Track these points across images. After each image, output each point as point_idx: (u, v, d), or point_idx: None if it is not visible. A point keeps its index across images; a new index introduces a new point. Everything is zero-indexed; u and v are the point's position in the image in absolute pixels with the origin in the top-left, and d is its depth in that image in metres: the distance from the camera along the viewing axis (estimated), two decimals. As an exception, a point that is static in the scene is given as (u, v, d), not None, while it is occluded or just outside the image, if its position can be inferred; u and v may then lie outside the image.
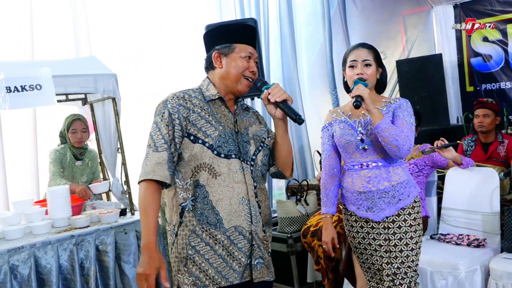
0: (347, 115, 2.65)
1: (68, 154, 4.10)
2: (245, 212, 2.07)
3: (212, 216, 2.03)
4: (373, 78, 2.59)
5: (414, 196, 2.57)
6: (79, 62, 4.02)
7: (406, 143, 2.41)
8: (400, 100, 2.61)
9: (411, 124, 2.52)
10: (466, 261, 3.16)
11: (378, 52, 2.66)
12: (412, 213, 2.55)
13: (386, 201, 2.52)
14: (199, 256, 2.04)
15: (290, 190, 5.01)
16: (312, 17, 5.88)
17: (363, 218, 2.59)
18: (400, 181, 2.54)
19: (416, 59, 6.18)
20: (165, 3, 4.86)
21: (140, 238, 3.57)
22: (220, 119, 2.09)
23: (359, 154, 2.56)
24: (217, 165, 2.03)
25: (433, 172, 3.83)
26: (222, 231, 2.04)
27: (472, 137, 4.47)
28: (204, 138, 2.03)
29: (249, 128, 2.17)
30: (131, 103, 4.28)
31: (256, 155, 2.15)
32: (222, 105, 2.13)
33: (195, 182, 2.04)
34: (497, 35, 6.30)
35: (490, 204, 3.52)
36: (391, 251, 2.52)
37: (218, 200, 2.03)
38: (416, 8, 6.87)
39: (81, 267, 3.30)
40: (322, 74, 5.85)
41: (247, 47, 2.12)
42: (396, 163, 2.56)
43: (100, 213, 3.61)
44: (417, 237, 2.55)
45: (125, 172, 3.80)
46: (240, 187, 2.06)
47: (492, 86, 6.49)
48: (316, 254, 3.79)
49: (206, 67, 2.18)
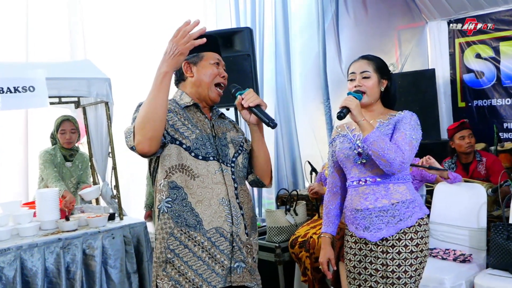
0: (351, 129, 2.52)
1: (59, 155, 4.09)
2: (225, 213, 2.05)
3: (191, 218, 2.01)
4: (373, 90, 2.44)
5: (418, 217, 2.35)
6: (73, 65, 4.03)
7: (398, 158, 2.22)
8: (404, 112, 2.43)
9: (411, 138, 2.31)
10: (452, 276, 3.18)
11: (383, 63, 2.51)
12: (415, 238, 2.34)
13: (385, 220, 2.34)
14: (178, 260, 2.02)
15: (280, 200, 5.03)
16: (307, 28, 5.93)
17: (362, 239, 2.41)
18: (402, 200, 2.35)
19: (409, 74, 6.23)
20: (162, 10, 4.87)
21: (128, 243, 3.57)
22: (197, 123, 2.10)
23: (357, 169, 2.42)
24: (195, 167, 2.03)
25: (422, 186, 3.86)
26: (202, 232, 2.01)
27: (451, 159, 4.51)
28: (182, 139, 2.03)
29: (226, 133, 2.19)
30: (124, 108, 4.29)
31: (237, 157, 2.16)
32: (198, 111, 2.15)
33: (170, 183, 2.03)
34: (490, 52, 6.37)
35: (477, 220, 3.54)
36: (388, 277, 2.34)
37: (197, 202, 2.02)
38: (411, 23, 6.94)
39: (67, 270, 3.29)
40: (315, 84, 5.89)
41: (214, 54, 2.17)
42: (399, 180, 2.37)
43: (89, 217, 3.60)
44: (418, 264, 2.34)
45: (115, 176, 3.80)
46: (219, 188, 2.05)
47: (483, 103, 6.55)
48: (303, 265, 3.80)
49: (177, 80, 2.21)
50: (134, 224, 3.67)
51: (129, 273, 3.58)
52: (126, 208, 4.11)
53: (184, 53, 1.91)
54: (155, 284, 2.07)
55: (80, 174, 4.22)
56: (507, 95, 6.30)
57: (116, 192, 3.82)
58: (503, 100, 6.36)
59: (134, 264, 3.60)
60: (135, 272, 3.61)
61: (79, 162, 4.22)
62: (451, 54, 6.81)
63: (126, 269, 3.56)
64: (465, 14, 6.54)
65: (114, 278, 3.47)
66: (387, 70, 2.53)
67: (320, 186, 3.95)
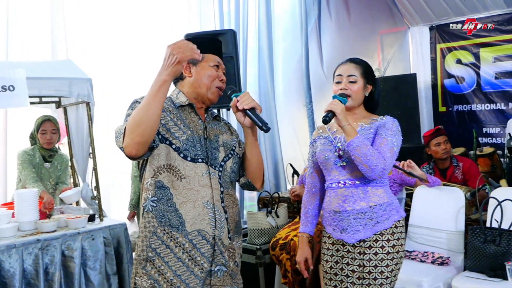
0: (332, 131, 2.55)
1: (37, 155, 4.05)
2: (209, 216, 2.04)
3: (174, 219, 2.01)
4: (358, 95, 2.47)
5: (395, 220, 2.40)
6: (54, 65, 3.99)
7: (379, 164, 2.28)
8: (386, 118, 2.47)
9: (392, 144, 2.36)
10: (430, 278, 3.22)
11: (369, 68, 2.54)
12: (391, 239, 2.38)
13: (362, 222, 2.37)
14: (159, 259, 2.01)
15: (261, 202, 5.04)
16: (290, 31, 5.96)
17: (339, 240, 2.44)
18: (380, 203, 2.38)
19: (391, 78, 6.30)
20: (145, 11, 4.86)
21: (108, 244, 3.55)
22: (189, 124, 2.09)
23: (337, 171, 2.44)
24: (182, 168, 2.02)
25: (402, 189, 3.90)
26: (184, 234, 2.01)
27: (428, 165, 4.57)
28: (172, 140, 2.02)
29: (219, 136, 2.17)
30: (105, 109, 4.27)
31: (226, 161, 2.15)
32: (192, 112, 2.13)
33: (157, 183, 2.02)
34: (470, 58, 6.47)
35: (456, 223, 3.59)
36: (364, 278, 2.37)
37: (182, 203, 2.02)
38: (394, 28, 7.02)
39: (46, 272, 3.26)
40: (298, 87, 5.92)
41: (214, 56, 2.15)
42: (377, 183, 2.41)
43: (68, 218, 3.57)
44: (394, 265, 2.38)
45: (96, 177, 3.78)
46: (205, 191, 2.04)
47: (463, 108, 6.65)
48: (284, 267, 3.81)
49: (176, 79, 2.18)
50: (114, 226, 3.65)
51: (108, 274, 3.56)
52: (106, 210, 4.09)
53: (182, 62, 1.91)
54: (134, 281, 2.06)
55: (59, 174, 4.18)
56: (486, 101, 6.41)
57: (96, 193, 3.79)
58: (483, 105, 6.46)
59: (114, 266, 3.58)
60: (115, 273, 3.58)
61: (58, 163, 4.18)
62: (432, 59, 6.91)
63: (105, 271, 3.54)
64: (447, 20, 6.65)
65: (93, 279, 3.44)
66: (373, 75, 2.56)
67: (302, 189, 3.96)
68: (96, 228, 3.55)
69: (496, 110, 6.36)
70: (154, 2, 4.90)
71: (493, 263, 3.14)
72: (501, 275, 3.07)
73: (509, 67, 6.17)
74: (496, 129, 6.36)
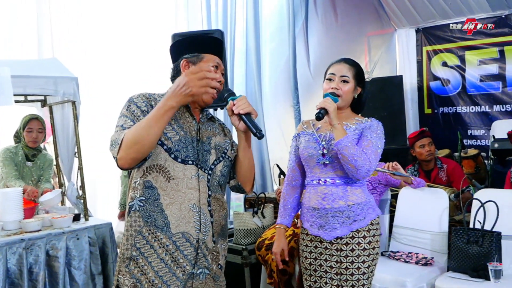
0: (316, 127, 2.60)
1: (20, 153, 4.03)
2: (194, 219, 2.04)
3: (160, 219, 2.01)
4: (348, 95, 2.52)
5: (371, 218, 2.49)
6: (40, 64, 3.97)
7: (365, 165, 2.35)
8: (372, 120, 2.54)
9: (377, 147, 2.44)
10: (413, 279, 3.24)
11: (361, 70, 2.59)
12: (367, 236, 2.47)
13: (340, 220, 2.44)
14: (142, 258, 2.02)
15: (248, 202, 5.04)
16: (278, 32, 5.98)
17: (317, 237, 2.51)
18: (357, 202, 2.46)
19: (377, 79, 6.33)
20: (132, 10, 4.84)
21: (93, 244, 3.54)
22: (183, 125, 2.07)
23: (319, 169, 2.50)
24: (172, 169, 2.02)
25: (387, 190, 3.93)
26: (168, 235, 2.01)
27: (413, 167, 4.62)
28: (164, 140, 2.01)
29: (212, 138, 2.15)
30: (91, 108, 4.25)
31: (216, 164, 2.13)
32: (187, 112, 2.11)
33: (145, 183, 2.02)
34: (456, 60, 6.54)
35: (439, 224, 3.62)
36: (342, 274, 2.45)
37: (168, 204, 2.01)
38: (380, 30, 7.06)
39: (30, 271, 3.24)
40: (285, 88, 5.94)
41: (214, 57, 2.12)
42: (356, 183, 2.48)
43: (53, 217, 3.55)
44: (370, 261, 2.47)
45: (81, 177, 3.76)
46: (192, 194, 2.04)
47: (449, 110, 6.71)
48: (269, 267, 3.82)
49: (173, 76, 2.15)
50: (99, 225, 3.63)
51: (93, 274, 3.54)
52: (92, 209, 4.07)
53: (195, 96, 1.92)
54: (117, 279, 2.07)
55: (41, 173, 4.16)
56: (471, 103, 6.47)
57: (81, 192, 3.78)
58: (468, 108, 6.52)
59: (98, 266, 3.57)
60: (100, 273, 3.57)
61: (41, 163, 4.16)
62: (418, 62, 6.96)
63: (90, 271, 3.52)
64: (433, 23, 6.72)
65: (78, 279, 3.43)
66: (364, 78, 2.62)
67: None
68: (81, 227, 3.53)
69: (480, 113, 6.43)
70: (141, 2, 4.88)
71: (475, 264, 3.17)
72: (484, 276, 3.11)
73: (493, 70, 6.24)
74: (481, 131, 6.43)
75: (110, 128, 2.07)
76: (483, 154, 5.58)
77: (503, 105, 6.21)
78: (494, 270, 3.04)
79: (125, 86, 4.59)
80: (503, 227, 3.24)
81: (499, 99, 6.24)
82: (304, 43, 6.04)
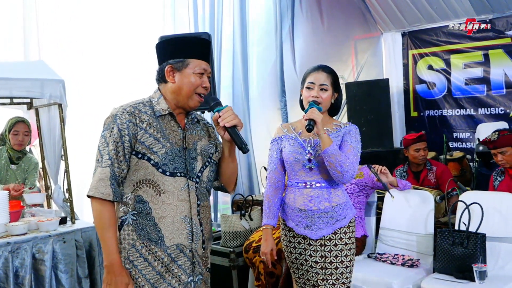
0: (298, 132, 2.71)
1: (4, 156, 3.99)
2: (186, 231, 2.07)
3: (153, 233, 2.03)
4: (327, 102, 2.66)
5: (350, 217, 2.67)
6: (26, 66, 3.94)
7: (350, 170, 2.51)
8: (350, 125, 2.69)
9: (357, 151, 2.62)
10: (399, 280, 3.27)
11: (337, 77, 2.73)
12: (348, 232, 2.65)
13: (325, 221, 2.60)
14: (136, 271, 2.03)
15: (235, 205, 5.04)
16: (265, 36, 5.99)
17: (301, 235, 2.65)
18: (339, 203, 2.63)
19: (364, 83, 6.36)
20: (119, 13, 4.82)
21: (80, 247, 3.52)
22: (169, 135, 2.07)
23: (304, 172, 2.62)
24: (161, 183, 2.03)
25: (373, 192, 3.96)
26: (163, 248, 2.04)
27: (403, 168, 4.66)
28: (150, 156, 2.01)
29: (197, 143, 2.16)
30: (77, 111, 4.22)
31: (202, 171, 2.15)
32: (172, 120, 2.11)
33: (136, 197, 2.03)
34: (441, 64, 6.60)
35: (425, 226, 3.66)
36: (326, 268, 2.60)
37: (161, 218, 2.03)
38: (367, 34, 7.11)
39: (16, 275, 3.22)
40: (272, 92, 5.95)
41: (201, 62, 2.08)
42: (338, 186, 2.65)
43: (39, 220, 3.53)
44: (351, 255, 2.65)
45: (68, 180, 3.74)
46: (183, 206, 2.06)
47: (435, 113, 6.77)
48: (257, 270, 3.83)
49: (158, 79, 2.14)
50: (86, 228, 3.62)
51: (80, 278, 3.52)
52: (78, 212, 4.05)
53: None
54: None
55: (26, 176, 4.12)
56: (457, 106, 6.54)
57: (68, 195, 3.75)
58: (453, 111, 6.59)
59: (85, 269, 3.55)
60: (87, 277, 3.55)
61: (25, 166, 4.12)
62: (404, 65, 7.02)
63: (77, 274, 3.50)
64: (419, 27, 6.77)
65: (65, 283, 3.41)
66: (339, 83, 2.75)
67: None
68: (68, 231, 3.51)
69: (466, 116, 6.49)
70: (128, 4, 4.86)
71: (461, 265, 3.21)
72: (469, 277, 3.15)
73: (478, 73, 6.31)
74: (466, 134, 6.50)
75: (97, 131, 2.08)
76: (468, 157, 5.64)
77: (487, 108, 6.28)
78: (479, 271, 3.08)
79: (112, 88, 4.57)
80: (487, 229, 3.29)
81: (484, 102, 6.30)
82: (291, 46, 6.06)
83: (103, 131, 2.03)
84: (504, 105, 6.12)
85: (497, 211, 3.43)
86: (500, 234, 3.38)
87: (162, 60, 2.12)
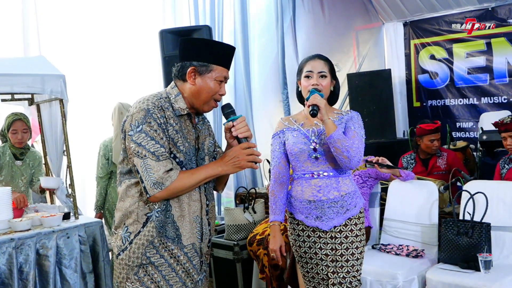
0: (299, 124, 2.67)
1: (8, 153, 3.99)
2: (197, 230, 2.11)
3: (171, 231, 2.04)
4: (327, 90, 2.64)
5: (360, 206, 2.62)
6: (27, 61, 3.93)
7: (357, 155, 2.47)
8: (351, 112, 2.66)
9: (361, 136, 2.57)
10: (404, 271, 3.26)
11: (333, 64, 2.71)
12: (358, 223, 2.60)
13: (335, 210, 2.55)
14: (152, 267, 2.04)
15: (238, 198, 5.04)
16: (266, 29, 5.97)
17: (310, 227, 2.60)
18: (348, 192, 2.58)
19: (366, 73, 6.33)
20: (119, 7, 4.80)
21: (84, 243, 3.51)
22: (187, 135, 2.09)
23: (310, 163, 2.58)
24: None
25: (377, 183, 3.95)
26: (180, 247, 2.06)
27: (410, 155, 4.64)
28: (176, 153, 2.03)
29: (204, 143, 2.19)
30: (79, 105, 4.22)
31: None
32: (188, 120, 2.11)
33: None
34: (444, 53, 6.56)
35: (429, 216, 3.65)
36: (337, 261, 2.56)
37: (179, 216, 2.05)
38: (368, 24, 7.07)
39: (20, 271, 3.21)
40: (274, 84, 5.93)
41: (223, 70, 2.08)
42: (345, 174, 2.61)
43: (43, 216, 3.52)
44: (362, 247, 2.60)
45: (70, 175, 3.73)
46: (196, 206, 2.10)
47: (437, 103, 6.74)
48: (261, 262, 3.83)
49: (177, 76, 2.11)
50: (89, 223, 3.61)
51: (84, 273, 3.52)
52: (81, 207, 4.04)
53: (243, 168, 2.08)
54: (124, 286, 2.06)
55: (32, 172, 4.11)
56: (459, 95, 6.50)
57: (71, 191, 3.75)
58: (456, 100, 6.55)
59: (89, 264, 3.55)
60: (91, 272, 3.55)
61: (30, 161, 4.11)
62: (406, 55, 6.98)
63: (81, 269, 3.50)
64: (420, 16, 6.72)
65: (69, 278, 3.40)
66: (335, 71, 2.74)
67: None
68: (71, 226, 3.50)
69: (469, 105, 6.46)
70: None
71: (466, 255, 3.19)
72: (474, 267, 3.13)
73: (481, 62, 6.27)
74: (469, 124, 6.46)
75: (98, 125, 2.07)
76: (471, 146, 5.61)
77: (490, 97, 6.24)
78: (484, 261, 3.07)
79: (113, 82, 4.56)
80: (492, 218, 3.28)
81: (487, 91, 6.27)
82: (293, 39, 6.03)
83: (139, 126, 1.97)
84: (508, 94, 6.08)
85: (502, 201, 3.41)
86: (505, 224, 3.36)
87: (186, 58, 2.08)
